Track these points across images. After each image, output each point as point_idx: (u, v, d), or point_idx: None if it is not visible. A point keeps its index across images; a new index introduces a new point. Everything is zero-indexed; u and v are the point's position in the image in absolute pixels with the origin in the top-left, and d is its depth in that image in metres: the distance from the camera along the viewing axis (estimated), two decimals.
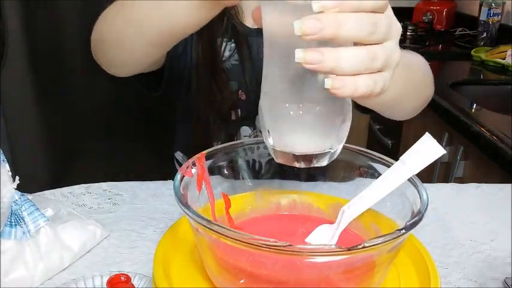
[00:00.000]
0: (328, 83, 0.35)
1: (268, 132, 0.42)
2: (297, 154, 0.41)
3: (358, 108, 0.79)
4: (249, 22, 0.83)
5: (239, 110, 0.84)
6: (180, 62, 0.81)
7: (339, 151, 0.42)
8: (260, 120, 0.43)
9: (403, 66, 0.49)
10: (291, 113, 0.39)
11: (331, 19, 0.33)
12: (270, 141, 0.42)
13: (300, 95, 0.39)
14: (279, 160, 0.43)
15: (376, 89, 0.37)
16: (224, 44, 0.81)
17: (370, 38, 0.35)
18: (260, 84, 0.87)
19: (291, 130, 0.40)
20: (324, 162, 0.42)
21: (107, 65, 0.65)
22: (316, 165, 0.42)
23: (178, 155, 0.96)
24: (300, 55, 0.34)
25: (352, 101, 0.51)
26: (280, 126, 0.41)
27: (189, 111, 0.84)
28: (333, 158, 0.42)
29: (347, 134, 0.42)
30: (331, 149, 0.41)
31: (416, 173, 0.41)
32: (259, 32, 0.84)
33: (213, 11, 0.49)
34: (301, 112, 0.39)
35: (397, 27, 0.38)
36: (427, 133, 0.41)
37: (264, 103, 0.42)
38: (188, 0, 0.48)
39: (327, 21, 0.33)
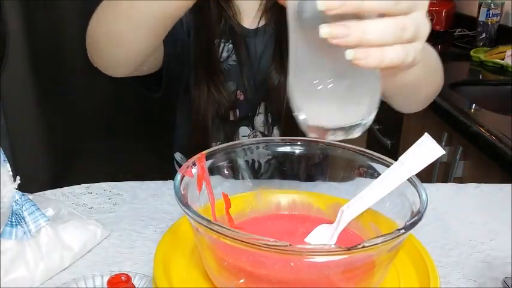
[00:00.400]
0: (350, 54, 0.35)
1: (299, 109, 0.42)
2: (329, 128, 0.41)
3: None
4: (247, 23, 0.83)
5: (237, 110, 0.84)
6: (178, 63, 0.81)
7: (370, 122, 0.42)
8: (289, 98, 0.43)
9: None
10: (320, 88, 0.39)
11: None
12: (301, 117, 0.42)
13: (328, 69, 0.39)
14: (311, 134, 0.43)
15: (407, 59, 0.37)
16: (222, 45, 0.82)
17: (396, 8, 0.35)
18: (258, 84, 0.87)
19: (322, 105, 0.40)
20: (356, 134, 0.42)
21: (104, 67, 0.65)
22: (349, 137, 0.42)
23: (178, 155, 0.96)
24: (325, 30, 0.34)
25: None
26: (310, 102, 0.41)
27: (188, 112, 0.84)
28: (365, 129, 0.42)
29: (378, 105, 0.42)
30: (362, 120, 0.41)
31: (415, 173, 0.41)
32: (256, 32, 0.84)
33: None
34: (330, 87, 0.39)
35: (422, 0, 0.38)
36: (426, 134, 0.41)
37: (292, 81, 0.42)
38: None
39: None
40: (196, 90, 0.81)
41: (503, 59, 1.69)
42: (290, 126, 0.82)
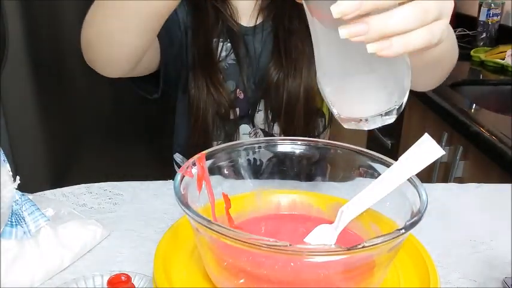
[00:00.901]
0: (373, 47, 0.34)
1: (332, 103, 0.42)
2: (363, 118, 0.41)
3: None
4: (245, 21, 0.83)
5: (238, 109, 0.84)
6: (176, 64, 0.81)
7: (404, 104, 0.42)
8: (321, 93, 0.43)
9: None
10: (349, 83, 0.40)
11: None
12: (334, 111, 0.42)
13: (354, 63, 0.39)
14: (347, 126, 0.43)
15: (433, 40, 0.36)
16: (220, 44, 0.82)
17: None
18: (257, 82, 0.87)
19: (353, 98, 0.41)
20: (391, 120, 0.42)
21: (98, 67, 0.66)
22: (385, 123, 0.42)
23: (177, 156, 0.96)
24: (344, 32, 0.34)
25: None
26: (341, 96, 0.41)
27: (187, 112, 0.84)
28: (400, 112, 0.42)
29: (409, 85, 0.41)
30: (395, 105, 0.41)
31: (415, 173, 0.41)
32: (255, 30, 0.84)
33: None
34: (359, 80, 0.39)
35: None
36: (426, 134, 0.41)
37: (321, 78, 0.42)
38: None
39: None
40: (195, 91, 0.81)
41: (503, 59, 1.69)
42: (290, 122, 0.82)
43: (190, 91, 0.81)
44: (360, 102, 0.41)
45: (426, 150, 0.40)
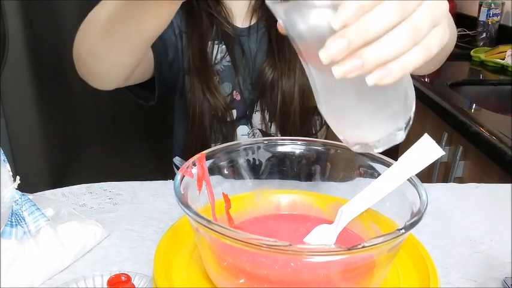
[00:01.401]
0: (372, 80, 0.33)
1: (338, 132, 0.42)
2: (372, 142, 0.41)
3: None
4: (239, 22, 0.83)
5: (235, 111, 0.84)
6: (172, 69, 0.81)
7: (412, 120, 0.41)
8: (328, 123, 0.42)
9: None
10: (353, 112, 0.39)
11: (354, 28, 0.31)
12: (341, 137, 0.42)
13: (353, 94, 0.38)
14: (355, 150, 0.42)
15: (432, 52, 0.34)
16: (216, 46, 0.82)
17: (405, 12, 0.33)
18: (254, 83, 0.87)
19: (359, 125, 0.40)
20: (401, 138, 0.41)
21: (91, 81, 0.67)
22: (396, 143, 0.41)
23: (177, 160, 0.95)
24: (338, 71, 0.32)
25: None
26: (347, 125, 0.41)
27: (185, 116, 0.84)
28: (409, 128, 0.41)
29: (414, 96, 0.40)
30: (404, 123, 0.40)
31: (414, 174, 0.41)
32: (249, 30, 0.84)
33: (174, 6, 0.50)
34: (363, 108, 0.38)
35: None
36: (425, 134, 0.41)
37: (322, 108, 0.41)
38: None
39: (351, 33, 0.31)
40: (191, 95, 0.81)
41: (503, 59, 1.69)
42: (286, 121, 0.82)
43: (186, 95, 0.81)
44: (366, 128, 0.40)
45: (426, 150, 0.40)
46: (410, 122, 0.41)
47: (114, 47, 0.59)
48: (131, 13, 0.53)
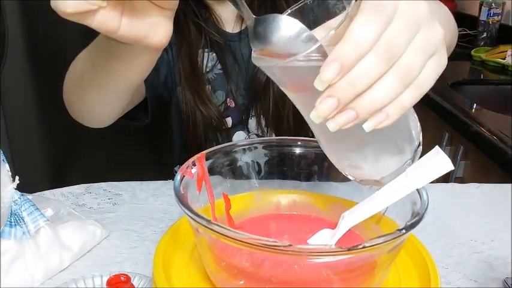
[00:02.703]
0: (370, 126, 0.32)
1: (344, 171, 0.42)
2: (381, 178, 0.40)
3: None
4: (229, 28, 0.83)
5: (230, 118, 0.84)
6: (167, 84, 0.81)
7: (420, 147, 0.40)
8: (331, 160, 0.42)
9: (437, 12, 0.46)
10: (357, 156, 0.38)
11: (342, 86, 0.30)
12: (350, 177, 0.42)
13: (355, 141, 0.37)
14: (364, 185, 0.42)
15: (428, 85, 0.33)
16: (206, 54, 0.81)
17: (392, 62, 0.31)
18: (248, 88, 0.87)
19: (366, 166, 0.39)
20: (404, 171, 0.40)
21: (84, 122, 0.71)
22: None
23: (178, 168, 0.95)
24: (333, 125, 0.31)
25: None
26: (349, 167, 0.40)
27: (182, 127, 0.84)
28: (418, 155, 0.40)
29: (419, 129, 0.39)
30: (412, 154, 0.39)
31: (421, 186, 0.40)
32: (240, 35, 0.84)
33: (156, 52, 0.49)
34: (366, 150, 0.38)
35: (421, 9, 0.32)
36: (436, 146, 0.38)
37: (326, 151, 0.41)
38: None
39: (339, 91, 0.30)
40: (185, 106, 0.80)
41: (504, 59, 1.69)
42: (280, 126, 0.81)
43: (181, 106, 0.81)
44: (374, 167, 0.39)
45: (435, 163, 0.38)
46: (419, 152, 0.40)
47: (103, 97, 0.60)
48: (110, 68, 0.53)
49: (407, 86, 0.32)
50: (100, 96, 0.60)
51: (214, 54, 0.81)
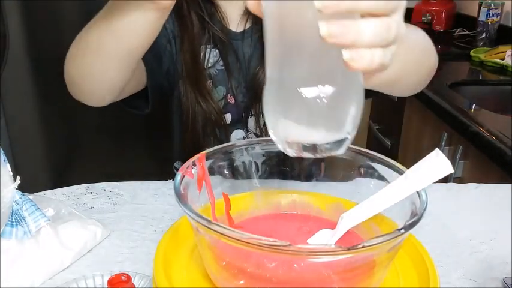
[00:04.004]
0: (347, 54, 0.34)
1: (277, 124, 0.38)
2: (311, 144, 0.38)
3: None
4: (233, 26, 0.83)
5: (229, 115, 0.84)
6: (169, 76, 0.81)
7: (352, 138, 0.39)
8: (264, 113, 0.39)
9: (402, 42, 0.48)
10: (305, 97, 0.36)
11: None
12: (280, 132, 0.38)
13: (312, 77, 0.36)
14: (291, 153, 0.39)
15: (387, 62, 0.36)
16: (208, 50, 0.81)
17: (386, 8, 0.34)
18: (248, 87, 0.87)
19: (305, 117, 0.37)
20: (341, 151, 0.38)
21: (81, 99, 0.69)
22: (332, 154, 0.38)
23: (178, 164, 0.95)
24: (324, 29, 0.32)
25: None
26: (292, 114, 0.37)
27: (181, 121, 0.84)
28: (348, 145, 0.39)
29: (359, 121, 0.38)
30: (348, 134, 0.38)
31: (421, 188, 0.40)
32: (243, 34, 0.84)
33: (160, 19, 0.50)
34: (315, 96, 0.36)
35: (403, 1, 0.36)
36: (436, 149, 0.39)
37: (271, 92, 0.38)
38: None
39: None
40: (185, 99, 0.81)
41: (503, 59, 1.69)
42: None
43: (182, 100, 0.81)
44: (312, 124, 0.37)
45: (435, 166, 0.39)
46: (350, 143, 0.39)
47: (103, 65, 0.60)
48: (113, 28, 0.53)
49: (382, 43, 0.35)
50: (102, 61, 0.59)
51: (216, 51, 0.82)
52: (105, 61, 0.59)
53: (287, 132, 0.38)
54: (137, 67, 0.66)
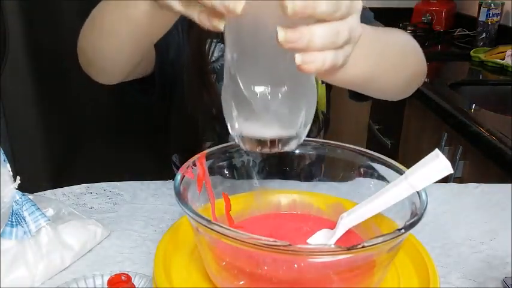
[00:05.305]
0: (299, 58, 0.36)
1: (234, 118, 0.41)
2: (264, 139, 0.41)
3: (355, 97, 0.79)
4: None
5: None
6: (174, 67, 0.81)
7: (304, 136, 0.42)
8: (223, 108, 0.42)
9: (374, 42, 0.49)
10: (258, 95, 0.39)
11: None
12: (236, 127, 0.42)
13: (266, 76, 0.39)
14: (245, 147, 0.42)
15: (337, 63, 0.38)
16: (214, 44, 0.82)
17: (337, 13, 0.36)
18: None
19: (258, 114, 0.40)
20: (292, 147, 0.42)
21: (94, 75, 0.68)
22: (283, 150, 0.42)
23: (176, 157, 0.96)
24: (282, 35, 0.35)
25: (348, 90, 0.48)
26: (246, 110, 0.40)
27: (182, 113, 0.84)
28: (299, 143, 0.42)
29: (312, 119, 0.42)
30: (299, 131, 0.41)
31: (420, 189, 0.40)
32: None
33: (168, 17, 0.50)
34: (268, 94, 0.39)
35: (358, 3, 0.39)
36: (436, 149, 0.39)
37: (228, 88, 0.41)
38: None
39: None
40: (187, 91, 0.81)
41: (503, 59, 1.70)
42: None
43: (184, 92, 0.82)
44: (265, 120, 0.40)
45: (434, 166, 0.39)
46: (301, 141, 0.42)
47: (116, 46, 0.59)
48: (127, 17, 0.53)
49: (331, 45, 0.37)
50: (115, 44, 0.59)
51: (222, 45, 0.82)
52: (118, 45, 0.58)
53: (242, 128, 0.41)
54: (149, 50, 0.66)
